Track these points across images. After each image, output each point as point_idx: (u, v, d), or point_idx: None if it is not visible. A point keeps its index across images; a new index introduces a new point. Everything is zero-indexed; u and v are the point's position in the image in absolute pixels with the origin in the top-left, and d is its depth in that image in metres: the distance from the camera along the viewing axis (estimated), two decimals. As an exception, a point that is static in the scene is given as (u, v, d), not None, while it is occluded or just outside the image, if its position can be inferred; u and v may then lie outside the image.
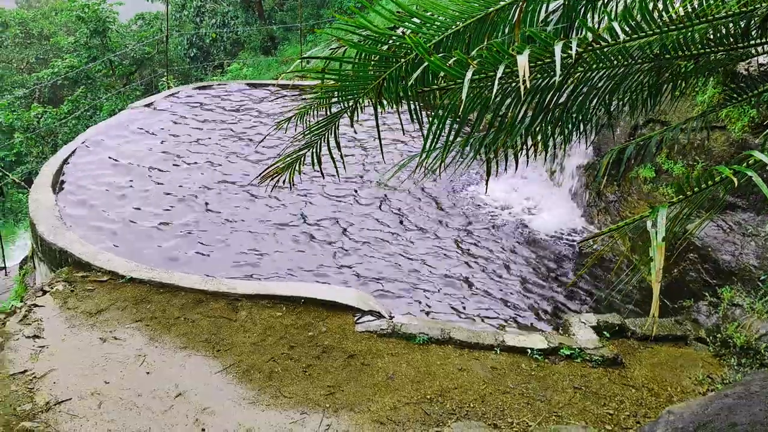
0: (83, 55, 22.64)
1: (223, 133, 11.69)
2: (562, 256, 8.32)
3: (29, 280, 8.85)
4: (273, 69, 22.83)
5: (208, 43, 25.62)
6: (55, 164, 9.73)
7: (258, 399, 5.08)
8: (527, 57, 2.07)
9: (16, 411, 4.85)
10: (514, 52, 2.28)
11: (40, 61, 26.40)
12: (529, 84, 2.14)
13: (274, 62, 23.36)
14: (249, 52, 25.20)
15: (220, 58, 25.67)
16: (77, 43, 22.96)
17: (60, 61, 22.78)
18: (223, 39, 25.52)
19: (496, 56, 2.35)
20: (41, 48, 26.66)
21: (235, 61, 24.14)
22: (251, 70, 22.98)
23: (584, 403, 5.11)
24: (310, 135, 3.68)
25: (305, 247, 8.26)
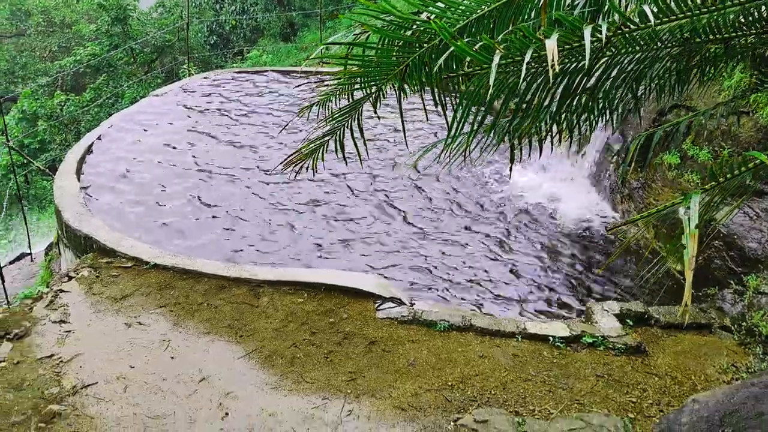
0: (105, 43, 22.77)
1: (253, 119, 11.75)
2: (585, 243, 8.25)
3: (55, 266, 8.99)
4: (292, 56, 22.80)
5: (228, 30, 25.63)
6: (79, 151, 9.84)
7: (280, 384, 5.12)
8: (556, 41, 2.04)
9: (44, 394, 4.94)
10: (541, 36, 2.25)
11: (62, 49, 26.56)
12: (557, 68, 2.11)
13: (294, 49, 23.32)
14: (268, 39, 25.17)
15: (240, 45, 25.67)
16: (99, 31, 23.09)
17: (82, 49, 22.94)
18: (243, 26, 25.50)
19: (523, 41, 2.32)
20: (63, 36, 26.82)
21: (255, 48, 24.14)
22: (271, 57, 22.97)
23: (607, 391, 5.08)
24: (334, 122, 3.67)
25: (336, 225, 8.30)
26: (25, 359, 5.37)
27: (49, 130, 21.21)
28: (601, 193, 9.12)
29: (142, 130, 11.08)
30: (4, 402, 4.85)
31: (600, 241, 8.30)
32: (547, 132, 3.14)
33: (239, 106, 12.55)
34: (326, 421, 4.73)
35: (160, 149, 10.39)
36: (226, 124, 11.58)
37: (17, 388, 5.01)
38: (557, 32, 2.18)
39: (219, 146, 10.66)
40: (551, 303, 6.96)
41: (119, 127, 11.11)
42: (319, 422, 4.71)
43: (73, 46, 25.06)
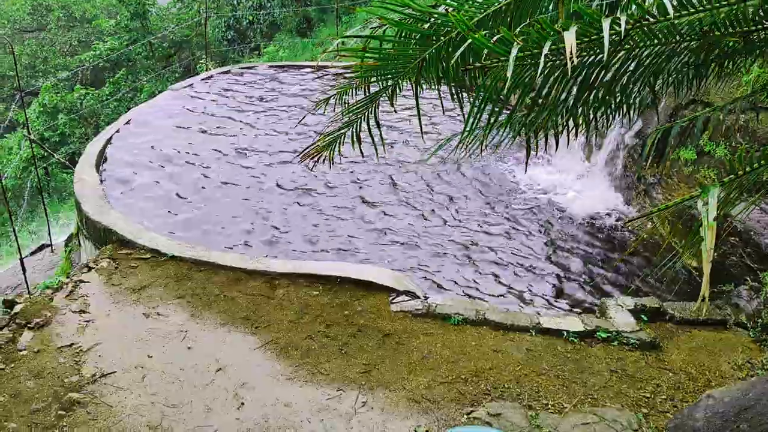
0: (124, 38, 22.99)
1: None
2: (599, 238, 8.23)
3: (75, 256, 9.11)
4: (308, 51, 22.85)
5: (245, 25, 25.74)
6: (99, 144, 9.96)
7: (295, 375, 5.18)
8: (574, 34, 2.05)
9: (64, 382, 5.03)
10: (559, 29, 2.26)
11: (82, 43, 26.84)
12: (576, 61, 2.12)
13: (310, 44, 23.37)
14: (285, 34, 25.23)
15: (257, 40, 25.78)
16: (118, 26, 23.31)
17: (101, 44, 23.17)
18: (260, 21, 25.60)
19: (540, 33, 2.34)
20: (83, 31, 27.10)
21: (272, 44, 24.23)
22: (287, 52, 23.04)
23: (620, 386, 5.09)
24: (350, 114, 3.70)
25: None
26: (45, 348, 5.47)
27: (69, 124, 21.46)
28: (616, 189, 9.08)
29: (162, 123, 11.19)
30: (25, 389, 4.95)
31: (614, 236, 8.27)
32: (564, 126, 3.15)
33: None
34: (340, 412, 4.78)
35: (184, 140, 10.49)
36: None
37: (38, 376, 5.11)
38: (576, 25, 2.19)
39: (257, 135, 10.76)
40: (565, 298, 6.96)
41: (140, 120, 11.23)
42: (334, 413, 4.76)
43: (93, 40, 25.31)
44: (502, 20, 2.95)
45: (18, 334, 5.66)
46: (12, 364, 5.25)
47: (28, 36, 27.98)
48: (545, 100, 2.80)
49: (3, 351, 5.42)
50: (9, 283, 11.10)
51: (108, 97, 21.49)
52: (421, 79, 2.99)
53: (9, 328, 5.74)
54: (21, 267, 8.20)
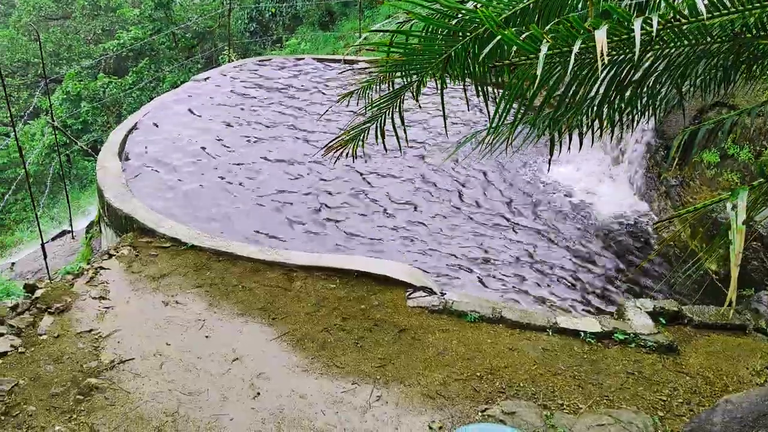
0: (147, 28, 23.15)
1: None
2: (619, 239, 8.18)
3: (95, 243, 9.21)
4: (330, 44, 22.87)
5: (268, 17, 25.80)
6: (121, 133, 10.05)
7: (311, 367, 5.20)
8: (605, 33, 2.03)
9: (83, 368, 5.09)
10: (590, 27, 2.25)
11: (106, 32, 27.08)
12: (607, 60, 2.10)
13: (332, 37, 23.39)
14: (307, 27, 25.28)
15: (279, 32, 25.84)
16: (142, 16, 23.48)
17: (125, 33, 23.37)
18: (282, 13, 25.65)
19: (570, 31, 2.32)
20: (107, 20, 27.33)
21: (294, 36, 24.28)
22: (309, 45, 23.08)
23: (636, 389, 5.05)
24: (375, 109, 3.70)
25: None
26: (65, 333, 5.53)
27: (91, 112, 21.67)
28: (638, 190, 9.02)
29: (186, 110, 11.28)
30: (45, 373, 5.01)
31: (634, 238, 8.21)
32: (589, 126, 3.12)
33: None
34: (355, 405, 4.79)
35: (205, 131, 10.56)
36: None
37: (57, 361, 5.17)
38: (606, 24, 2.17)
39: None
40: (583, 298, 6.93)
41: (163, 109, 11.31)
42: (348, 406, 4.78)
43: (117, 29, 25.53)
44: (529, 18, 2.93)
45: (38, 318, 5.73)
46: (32, 348, 5.32)
47: (53, 24, 28.26)
48: (572, 99, 2.78)
49: (24, 335, 5.49)
50: (30, 268, 11.25)
51: (131, 86, 21.68)
52: (445, 75, 2.99)
53: (30, 312, 5.81)
54: (42, 252, 8.30)
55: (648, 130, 8.80)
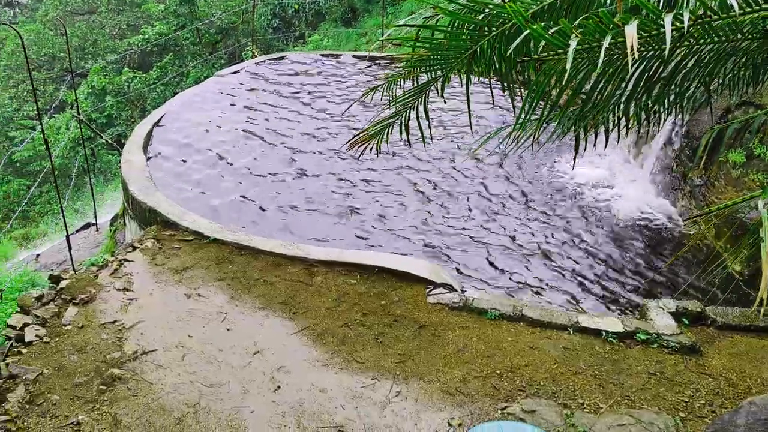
0: (172, 23, 23.33)
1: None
2: (641, 238, 8.10)
3: (119, 236, 9.32)
4: (352, 41, 22.89)
5: (291, 14, 25.88)
6: (146, 127, 10.15)
7: (331, 362, 5.22)
8: (635, 28, 2.01)
9: (106, 358, 5.16)
10: (619, 22, 2.23)
11: (131, 27, 27.33)
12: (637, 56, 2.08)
13: (354, 34, 23.40)
14: (330, 24, 25.32)
15: (301, 29, 25.91)
16: (167, 11, 23.67)
17: (150, 28, 23.57)
18: (305, 10, 25.72)
19: (599, 27, 2.30)
20: (132, 15, 27.58)
21: (316, 33, 24.33)
22: (331, 41, 23.12)
23: (658, 389, 5.01)
24: (400, 104, 3.70)
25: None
26: (89, 324, 5.61)
27: (116, 106, 21.90)
28: (661, 189, 8.93)
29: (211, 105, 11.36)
30: (69, 363, 5.09)
31: (657, 237, 8.13)
32: (616, 123, 3.09)
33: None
34: (375, 400, 4.81)
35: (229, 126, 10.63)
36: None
37: (81, 351, 5.24)
38: (636, 19, 2.15)
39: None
40: (604, 297, 6.88)
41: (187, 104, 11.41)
42: (368, 401, 4.80)
43: (142, 24, 25.75)
44: (556, 14, 2.91)
45: (63, 309, 5.81)
46: (56, 338, 5.40)
47: (79, 18, 28.59)
48: (600, 95, 2.76)
49: (48, 325, 5.58)
50: (54, 260, 11.41)
51: (155, 81, 21.87)
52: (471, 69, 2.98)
53: (55, 303, 5.90)
54: (67, 244, 8.41)
55: (673, 128, 8.71)
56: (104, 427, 4.45)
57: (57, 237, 15.84)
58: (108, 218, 12.49)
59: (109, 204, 17.02)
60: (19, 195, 21.98)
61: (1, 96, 25.16)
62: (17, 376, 4.88)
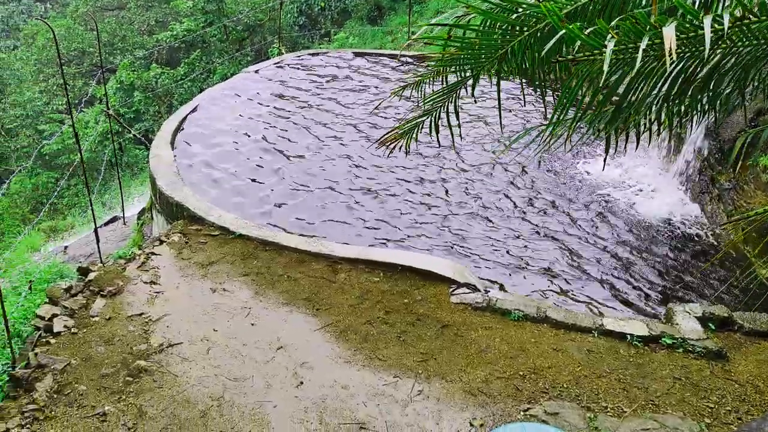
0: (200, 20, 23.56)
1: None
2: (668, 242, 8.01)
3: (146, 230, 9.44)
4: (378, 39, 22.91)
5: (317, 11, 25.98)
6: (174, 122, 10.27)
7: (353, 359, 5.24)
8: (674, 30, 1.99)
9: (133, 350, 5.23)
10: (656, 23, 2.21)
11: (159, 24, 27.65)
12: (675, 57, 2.06)
13: (380, 32, 23.43)
14: (355, 22, 25.37)
15: (327, 26, 25.99)
16: (195, 8, 23.90)
17: (178, 25, 23.82)
18: (331, 7, 25.80)
19: (636, 27, 2.28)
20: (161, 11, 27.89)
21: (342, 30, 24.39)
22: (357, 39, 23.16)
23: (683, 394, 4.95)
24: (430, 103, 3.71)
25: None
26: (116, 316, 5.69)
27: (143, 101, 22.16)
28: (689, 192, 8.82)
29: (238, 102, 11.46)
30: (96, 354, 5.17)
31: (684, 241, 8.03)
32: (649, 125, 3.06)
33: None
34: (396, 398, 4.82)
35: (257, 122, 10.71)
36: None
37: (108, 342, 5.33)
38: (674, 21, 2.13)
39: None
40: (628, 300, 6.82)
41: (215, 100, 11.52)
42: (390, 399, 4.81)
43: (170, 21, 26.03)
44: (590, 15, 2.89)
45: (91, 300, 5.91)
46: (84, 329, 5.49)
47: (109, 14, 28.98)
48: (636, 96, 2.73)
49: (77, 316, 5.67)
50: (82, 252, 11.58)
51: (182, 78, 22.11)
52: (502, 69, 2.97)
53: (83, 294, 6.00)
54: (95, 237, 8.53)
55: (702, 131, 8.59)
56: (130, 418, 4.52)
57: (85, 229, 16.07)
58: (134, 212, 12.65)
59: (136, 198, 17.23)
60: (48, 187, 22.35)
61: (32, 90, 25.58)
62: (45, 365, 4.97)
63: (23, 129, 24.28)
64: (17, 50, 31.44)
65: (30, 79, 27.05)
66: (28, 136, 24.06)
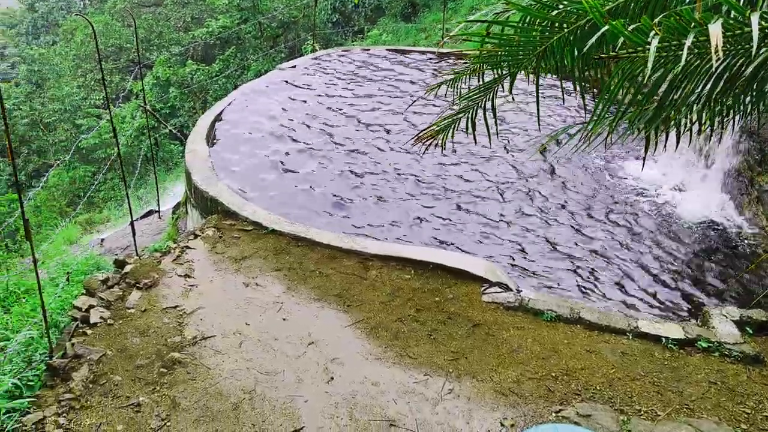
0: (235, 16, 23.78)
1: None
2: (705, 244, 7.85)
3: (181, 224, 9.57)
4: (411, 36, 22.87)
5: (350, 8, 26.04)
6: (209, 118, 10.39)
7: (384, 356, 5.25)
8: (720, 27, 1.95)
9: (167, 342, 5.31)
10: (701, 20, 2.16)
11: (195, 20, 27.97)
12: (722, 55, 2.02)
13: (413, 29, 23.39)
14: (389, 19, 25.36)
15: (360, 24, 26.03)
16: (230, 5, 24.13)
17: (213, 22, 24.07)
18: (365, 5, 25.82)
19: (680, 24, 2.24)
20: (197, 8, 28.22)
21: (375, 27, 24.40)
22: (390, 36, 23.16)
23: (719, 399, 4.86)
24: (467, 100, 3.69)
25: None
26: (151, 308, 5.78)
27: (179, 97, 22.45)
28: (727, 193, 8.63)
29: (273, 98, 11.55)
30: (131, 346, 5.26)
31: (722, 243, 7.87)
32: (691, 124, 3.00)
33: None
34: (427, 396, 4.81)
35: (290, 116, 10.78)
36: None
37: (143, 334, 5.41)
38: (720, 18, 2.08)
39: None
40: (663, 302, 6.70)
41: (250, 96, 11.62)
42: (420, 397, 4.80)
43: (206, 17, 26.32)
44: (632, 12, 2.85)
45: (127, 292, 6.01)
46: (120, 321, 5.59)
47: (146, 10, 29.41)
48: (680, 94, 2.68)
49: (113, 308, 5.77)
50: (119, 244, 11.79)
51: (217, 74, 22.34)
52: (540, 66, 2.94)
53: (119, 286, 6.11)
54: (132, 230, 8.68)
55: (741, 131, 8.41)
56: (163, 409, 4.58)
57: (121, 223, 16.35)
58: (169, 206, 12.84)
59: (170, 192, 17.47)
60: (84, 181, 22.77)
61: (70, 85, 26.08)
62: (82, 356, 5.07)
63: (61, 123, 24.76)
64: (56, 46, 32.10)
65: (68, 74, 27.59)
66: (66, 131, 24.52)
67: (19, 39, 40.96)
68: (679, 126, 3.06)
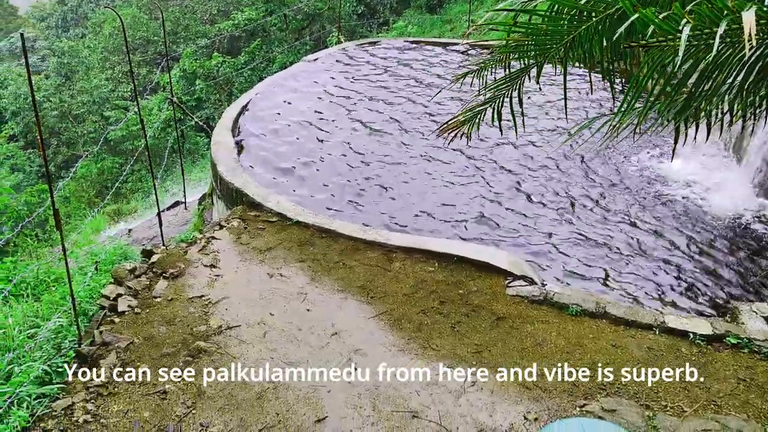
0: (261, 9, 23.87)
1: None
2: (735, 239, 7.71)
3: (207, 215, 9.65)
4: (437, 27, 22.76)
5: (376, 0, 25.97)
6: (235, 110, 10.46)
7: (407, 347, 5.25)
8: (754, 14, 1.90)
9: (193, 331, 5.37)
10: (734, 8, 2.11)
11: (221, 13, 28.11)
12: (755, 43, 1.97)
13: (438, 21, 23.27)
14: (414, 10, 25.25)
15: (386, 15, 25.95)
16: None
17: (239, 14, 24.17)
18: (391, -4, 25.76)
19: (712, 12, 2.19)
20: (223, 0, 28.35)
21: (400, 19, 24.32)
22: (416, 28, 23.07)
23: (747, 396, 4.78)
24: (493, 90, 3.66)
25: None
26: (178, 297, 5.85)
27: (205, 89, 22.60)
28: (759, 188, 8.46)
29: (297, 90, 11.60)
30: (158, 334, 5.33)
31: (752, 238, 7.72)
32: (722, 116, 2.94)
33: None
34: (449, 388, 4.80)
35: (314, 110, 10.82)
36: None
37: (169, 323, 5.48)
38: (753, 5, 2.03)
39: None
40: (692, 298, 6.60)
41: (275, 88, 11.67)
42: (443, 389, 4.79)
43: (232, 10, 26.43)
44: (663, 0, 2.79)
45: (154, 282, 6.09)
46: (147, 310, 5.67)
47: (172, 3, 29.58)
48: (711, 84, 2.63)
49: (140, 297, 5.85)
50: (145, 235, 11.94)
51: (243, 66, 22.45)
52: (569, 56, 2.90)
53: (146, 276, 6.19)
54: (158, 221, 8.78)
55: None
56: (189, 396, 4.64)
57: (147, 213, 16.55)
58: (195, 197, 12.96)
59: (196, 184, 17.62)
60: (112, 172, 23.03)
61: (98, 77, 26.37)
62: (110, 343, 5.15)
63: (90, 115, 25.05)
64: (85, 38, 32.48)
65: (97, 66, 27.90)
66: (94, 122, 24.82)
67: (49, 32, 41.53)
68: (710, 117, 3.00)
